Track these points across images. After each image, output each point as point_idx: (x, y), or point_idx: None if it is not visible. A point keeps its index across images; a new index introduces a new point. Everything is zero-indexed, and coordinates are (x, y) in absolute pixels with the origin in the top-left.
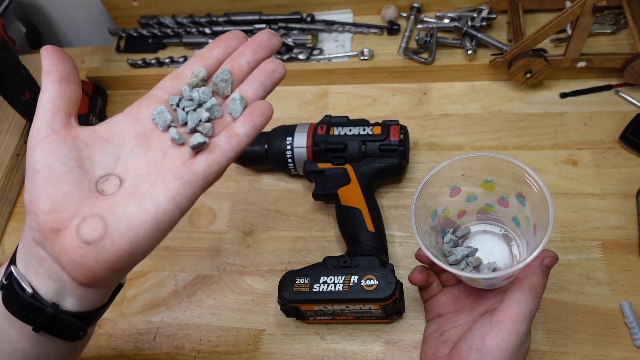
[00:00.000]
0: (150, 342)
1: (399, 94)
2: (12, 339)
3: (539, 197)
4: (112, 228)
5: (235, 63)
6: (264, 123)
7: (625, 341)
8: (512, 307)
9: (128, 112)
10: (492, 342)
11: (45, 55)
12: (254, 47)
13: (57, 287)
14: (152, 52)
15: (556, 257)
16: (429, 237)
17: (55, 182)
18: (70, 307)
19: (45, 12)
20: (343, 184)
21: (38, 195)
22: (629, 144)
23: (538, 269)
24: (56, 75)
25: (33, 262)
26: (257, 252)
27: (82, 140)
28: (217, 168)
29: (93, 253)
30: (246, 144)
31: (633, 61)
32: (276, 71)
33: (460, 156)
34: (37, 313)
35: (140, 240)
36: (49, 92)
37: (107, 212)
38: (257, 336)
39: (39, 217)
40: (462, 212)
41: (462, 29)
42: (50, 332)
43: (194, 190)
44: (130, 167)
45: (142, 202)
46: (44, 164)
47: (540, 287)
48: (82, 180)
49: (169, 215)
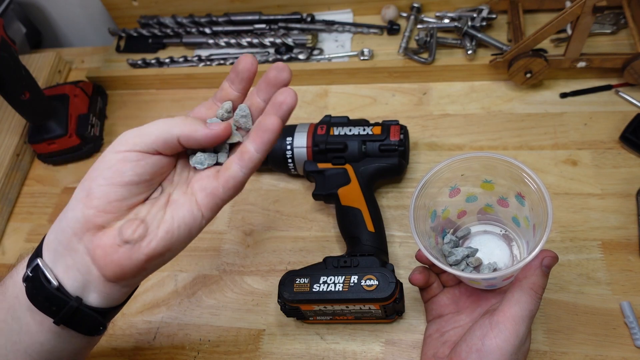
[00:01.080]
0: (150, 342)
1: (399, 94)
2: (32, 330)
3: (538, 197)
4: (151, 231)
5: (253, 100)
6: (272, 138)
7: (625, 341)
8: (512, 308)
9: None
10: (492, 343)
11: (210, 132)
12: (265, 86)
13: (83, 280)
14: (152, 52)
15: (556, 257)
16: (429, 237)
17: (120, 187)
18: (92, 303)
19: (45, 12)
20: (343, 184)
21: (98, 192)
22: (629, 144)
23: (538, 269)
24: (184, 142)
25: (64, 253)
26: (257, 252)
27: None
28: (234, 183)
29: (128, 251)
30: (258, 159)
31: (633, 61)
32: (284, 102)
33: (459, 156)
34: (61, 306)
35: (173, 242)
36: (168, 134)
37: (148, 216)
38: (257, 336)
39: (88, 211)
40: (462, 212)
41: (462, 29)
42: (71, 325)
43: (217, 202)
44: (170, 179)
45: (177, 209)
46: (119, 169)
47: (540, 287)
48: (143, 192)
49: (197, 223)
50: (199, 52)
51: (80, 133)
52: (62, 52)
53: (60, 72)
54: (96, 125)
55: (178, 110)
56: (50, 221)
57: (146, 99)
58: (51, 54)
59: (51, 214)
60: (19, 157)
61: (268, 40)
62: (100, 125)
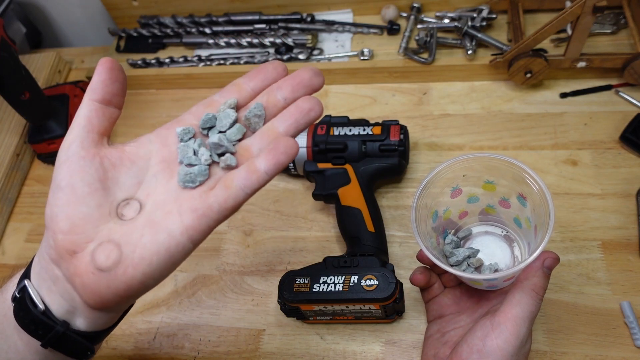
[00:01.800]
0: (150, 342)
1: (399, 94)
2: (20, 350)
3: (539, 198)
4: (126, 256)
5: (271, 96)
6: (286, 161)
7: (625, 341)
8: (513, 308)
9: (157, 134)
10: (492, 344)
11: (98, 71)
12: (294, 84)
13: (68, 306)
14: (152, 52)
15: (557, 259)
16: (430, 238)
17: (76, 203)
18: (80, 327)
19: (45, 12)
20: (343, 184)
21: (58, 214)
22: (629, 144)
23: (539, 270)
24: (99, 95)
25: (47, 278)
26: (257, 252)
27: (110, 160)
28: (233, 204)
29: (105, 280)
30: (265, 181)
31: (633, 61)
32: (312, 110)
33: (461, 157)
34: (47, 330)
35: (153, 270)
36: (87, 110)
37: (122, 238)
38: (257, 336)
39: (57, 236)
40: (463, 213)
41: (462, 29)
42: (59, 349)
43: (209, 224)
44: (152, 193)
45: (157, 232)
46: (68, 182)
47: (542, 288)
48: (103, 203)
49: (181, 248)
50: (199, 52)
51: None
52: (62, 52)
53: (60, 72)
54: None
55: (178, 110)
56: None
57: (146, 99)
58: (51, 54)
59: None
60: (19, 157)
61: (268, 40)
62: None
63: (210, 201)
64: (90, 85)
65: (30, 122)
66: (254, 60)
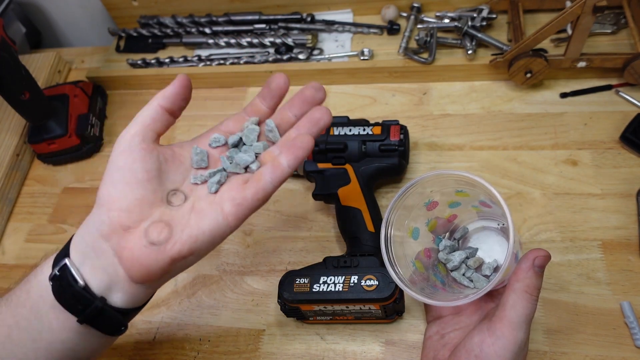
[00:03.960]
0: (150, 342)
1: (399, 94)
2: (54, 328)
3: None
4: (175, 234)
5: (284, 115)
6: (304, 155)
7: (626, 341)
8: (508, 313)
9: (195, 141)
10: (489, 350)
11: (175, 84)
12: (300, 103)
13: (109, 281)
14: (152, 52)
15: (548, 256)
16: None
17: (135, 185)
18: (116, 302)
19: (45, 12)
20: (343, 184)
21: (117, 194)
22: (629, 144)
23: (530, 270)
24: (168, 104)
25: (92, 254)
26: (257, 252)
27: (164, 156)
28: (264, 194)
29: (155, 254)
30: (288, 174)
31: (633, 61)
32: (321, 119)
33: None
34: (87, 305)
35: (197, 247)
36: (154, 112)
37: (173, 220)
38: (257, 336)
39: (112, 213)
40: (452, 216)
41: (462, 28)
42: (94, 325)
43: (244, 212)
44: (194, 188)
45: (202, 216)
46: (129, 167)
47: (535, 289)
48: (157, 189)
49: (222, 231)
50: (199, 52)
51: (80, 133)
52: (62, 52)
53: (60, 72)
54: (96, 125)
55: None
56: (50, 221)
57: (146, 99)
58: (51, 54)
59: (51, 214)
60: (19, 157)
61: (268, 40)
62: (100, 125)
63: (245, 193)
64: (163, 92)
65: (30, 122)
66: (254, 60)
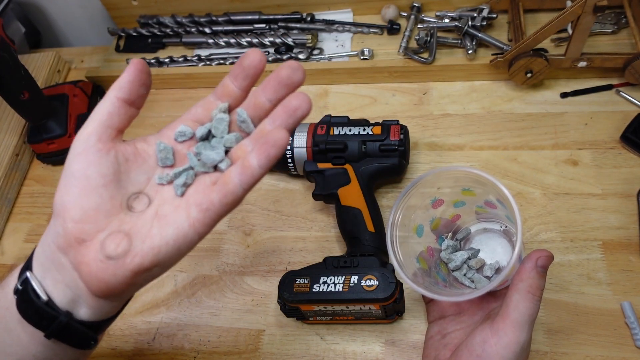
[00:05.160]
0: (150, 343)
1: (399, 94)
2: (24, 342)
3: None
4: (135, 246)
5: (257, 100)
6: (278, 154)
7: (626, 341)
8: (511, 313)
9: (161, 134)
10: (492, 350)
11: (128, 71)
12: (275, 85)
13: (72, 295)
14: (151, 52)
15: (551, 257)
16: (414, 257)
17: (90, 193)
18: (83, 316)
19: (45, 12)
20: (343, 184)
21: (71, 203)
22: (629, 144)
23: (533, 270)
24: (125, 94)
25: (52, 268)
26: (257, 252)
27: (124, 155)
28: (233, 199)
29: (113, 268)
30: (260, 175)
31: (634, 61)
32: (299, 109)
33: (429, 173)
34: (51, 320)
35: (160, 259)
36: (110, 106)
37: (133, 229)
38: (257, 336)
39: (67, 224)
40: (455, 216)
41: (462, 28)
42: (62, 339)
43: (212, 217)
44: (159, 190)
45: (166, 224)
46: (83, 173)
47: (538, 289)
48: (115, 195)
49: (188, 240)
50: (199, 51)
51: None
52: (61, 51)
53: (59, 71)
54: None
55: (178, 110)
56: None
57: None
58: (50, 53)
59: (50, 214)
60: (18, 157)
61: (268, 40)
62: None
63: (212, 196)
64: (117, 82)
65: (29, 122)
66: None
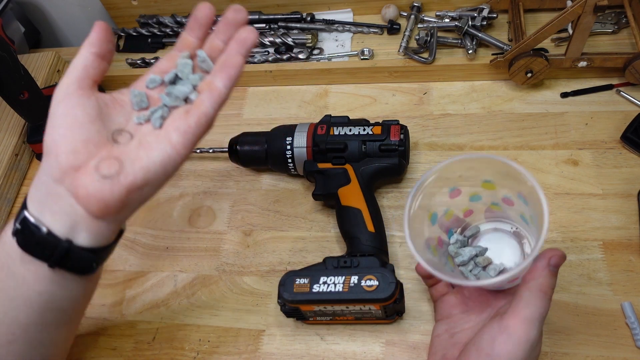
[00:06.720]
0: (150, 343)
1: (399, 94)
2: (28, 281)
3: (535, 199)
4: (126, 166)
5: (213, 43)
6: (237, 74)
7: (627, 342)
8: (522, 311)
9: (134, 85)
10: (501, 348)
11: (95, 30)
12: (225, 27)
13: (71, 222)
14: (151, 51)
15: (563, 256)
16: (428, 241)
17: (78, 128)
18: (82, 242)
19: (44, 11)
20: (343, 184)
21: (61, 138)
22: (630, 144)
23: (545, 269)
24: (97, 49)
25: (49, 201)
26: (257, 252)
27: (103, 100)
28: (206, 119)
29: (109, 186)
30: (226, 95)
31: (634, 61)
32: (248, 38)
33: (456, 157)
34: (53, 248)
35: (150, 178)
36: (85, 59)
37: (122, 155)
38: (257, 337)
39: (60, 157)
40: (468, 211)
41: (462, 28)
42: (65, 267)
43: (191, 139)
44: (139, 128)
45: (150, 149)
46: (69, 112)
47: (550, 288)
48: (101, 130)
49: (173, 160)
50: None
51: None
52: (61, 51)
53: (59, 71)
54: None
55: None
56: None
57: None
58: (50, 53)
59: None
60: (18, 157)
61: (268, 40)
62: None
63: (189, 120)
64: (88, 39)
65: (29, 122)
66: (253, 59)
